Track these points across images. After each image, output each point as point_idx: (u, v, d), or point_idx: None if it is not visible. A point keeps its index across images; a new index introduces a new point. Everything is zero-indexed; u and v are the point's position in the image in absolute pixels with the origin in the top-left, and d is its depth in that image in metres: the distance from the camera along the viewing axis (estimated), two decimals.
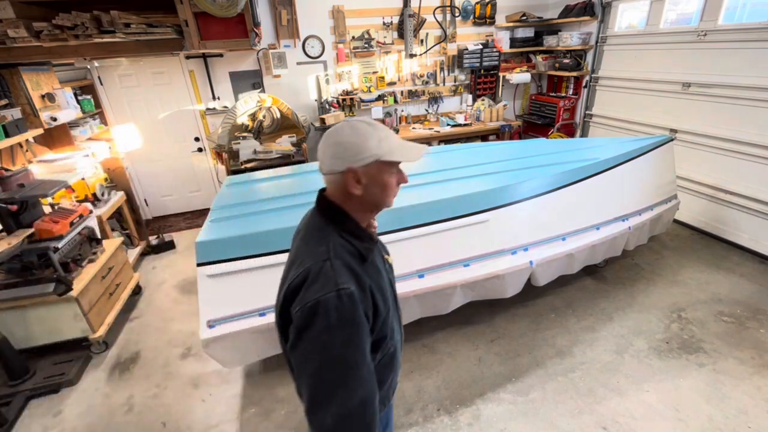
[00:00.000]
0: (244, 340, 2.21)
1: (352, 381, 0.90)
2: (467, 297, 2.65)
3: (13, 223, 2.52)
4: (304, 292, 0.90)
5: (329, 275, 0.91)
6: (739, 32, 3.54)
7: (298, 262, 0.97)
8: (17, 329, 2.66)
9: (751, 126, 3.57)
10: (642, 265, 3.62)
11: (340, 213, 1.02)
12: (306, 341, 0.90)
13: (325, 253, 0.95)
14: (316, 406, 0.89)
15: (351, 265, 0.96)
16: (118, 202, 3.85)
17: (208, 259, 2.14)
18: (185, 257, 4.27)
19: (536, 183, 2.69)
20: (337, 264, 0.93)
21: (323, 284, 0.89)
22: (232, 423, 2.33)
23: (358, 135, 0.95)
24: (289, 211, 2.49)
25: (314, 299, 0.88)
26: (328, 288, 0.89)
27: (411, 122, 5.69)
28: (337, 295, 0.88)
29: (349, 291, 0.90)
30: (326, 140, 0.98)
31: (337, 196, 1.03)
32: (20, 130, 2.87)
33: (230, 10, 3.08)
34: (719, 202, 3.94)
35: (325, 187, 1.07)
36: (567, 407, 2.30)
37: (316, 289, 0.89)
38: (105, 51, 3.13)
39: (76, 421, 2.41)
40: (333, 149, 0.96)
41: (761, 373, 2.44)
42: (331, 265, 0.92)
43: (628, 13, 4.85)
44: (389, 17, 5.12)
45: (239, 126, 4.40)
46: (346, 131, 0.96)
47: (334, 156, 0.96)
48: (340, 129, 0.98)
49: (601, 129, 5.41)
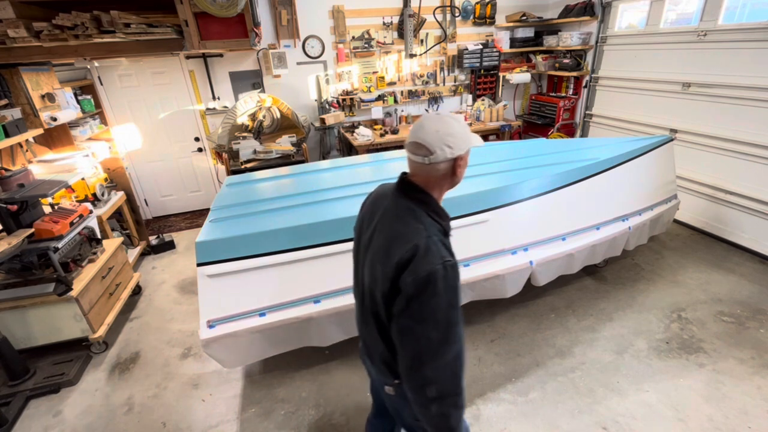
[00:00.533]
0: (244, 340, 2.21)
1: (452, 337, 1.07)
2: (467, 297, 2.65)
3: (13, 223, 2.52)
4: (414, 265, 1.04)
5: (434, 250, 1.06)
6: (739, 32, 3.54)
7: (402, 240, 1.09)
8: (17, 329, 2.66)
9: (751, 126, 3.57)
10: (642, 265, 3.62)
11: (426, 195, 1.17)
12: (417, 307, 1.04)
13: (424, 231, 1.10)
14: (421, 362, 1.06)
15: (443, 241, 1.13)
16: (118, 202, 3.85)
17: (208, 259, 2.14)
18: (185, 257, 4.27)
19: (536, 183, 2.69)
20: (436, 240, 1.09)
21: (432, 258, 1.04)
22: (232, 423, 2.33)
23: (462, 126, 1.14)
24: (289, 211, 2.49)
25: (426, 270, 1.03)
26: (436, 261, 1.04)
27: (411, 122, 5.69)
28: (443, 266, 1.04)
29: (452, 262, 1.07)
30: (437, 133, 1.10)
31: (426, 179, 1.17)
32: (20, 130, 2.87)
33: (230, 10, 3.08)
34: (719, 202, 3.94)
35: (406, 172, 1.21)
36: (567, 407, 2.30)
37: (427, 262, 1.04)
38: (105, 51, 3.13)
39: (76, 421, 2.41)
40: (449, 140, 1.10)
41: (761, 373, 2.44)
42: (433, 241, 1.08)
43: (628, 13, 4.85)
44: (389, 17, 5.12)
45: (239, 126, 4.40)
46: (454, 124, 1.12)
47: (449, 145, 1.10)
48: (447, 122, 1.12)
49: (601, 129, 5.41)
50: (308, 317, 2.26)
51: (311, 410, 2.38)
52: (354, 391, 2.49)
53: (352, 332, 2.49)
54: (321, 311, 2.28)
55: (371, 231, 1.23)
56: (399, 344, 1.12)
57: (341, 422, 2.30)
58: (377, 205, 1.27)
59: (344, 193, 2.68)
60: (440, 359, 1.06)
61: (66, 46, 2.98)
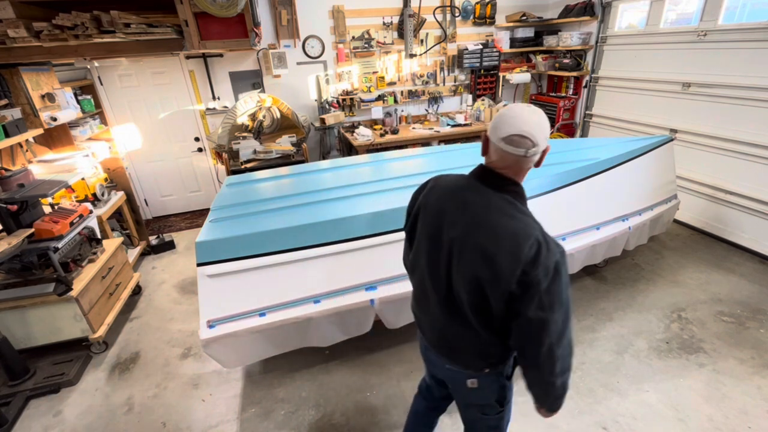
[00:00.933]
0: (244, 340, 2.21)
1: (570, 314, 1.17)
2: None
3: (13, 223, 2.52)
4: (543, 259, 1.08)
5: (550, 241, 1.12)
6: (739, 32, 3.54)
7: (520, 236, 1.10)
8: (17, 329, 2.66)
9: (751, 126, 3.57)
10: (642, 265, 3.62)
11: (520, 187, 1.21)
12: (547, 297, 1.10)
13: (535, 224, 1.15)
14: (552, 346, 1.13)
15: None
16: (118, 202, 3.85)
17: (208, 259, 2.14)
18: (185, 257, 4.27)
19: (536, 183, 2.69)
20: (544, 230, 1.15)
21: (553, 249, 1.11)
22: (232, 423, 2.33)
23: (545, 117, 1.16)
24: (289, 211, 2.49)
25: (554, 261, 1.09)
26: (557, 251, 1.11)
27: (411, 122, 5.69)
28: (561, 253, 1.13)
29: (563, 249, 1.15)
30: (537, 125, 1.11)
31: (517, 171, 1.18)
32: (20, 130, 2.87)
33: (230, 10, 3.08)
34: (719, 202, 3.94)
35: (486, 165, 1.21)
36: (567, 407, 2.29)
37: (552, 254, 1.10)
38: (105, 51, 3.13)
39: (76, 421, 2.41)
40: (545, 131, 1.13)
41: (761, 373, 2.45)
42: (545, 232, 1.14)
43: (628, 13, 4.85)
44: (389, 17, 5.12)
45: (239, 126, 4.40)
46: (543, 114, 1.15)
47: (545, 136, 1.13)
48: (539, 112, 1.14)
49: (601, 129, 5.41)
50: (308, 317, 2.26)
51: (311, 410, 2.38)
52: (354, 391, 2.49)
53: (352, 332, 2.49)
54: (321, 311, 2.28)
55: (460, 228, 1.18)
56: (528, 336, 1.16)
57: (341, 422, 2.30)
58: (456, 199, 1.22)
59: (344, 193, 2.68)
60: (564, 338, 1.15)
61: (66, 46, 2.98)
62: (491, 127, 1.16)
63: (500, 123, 1.12)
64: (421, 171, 3.10)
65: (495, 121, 1.15)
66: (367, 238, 2.33)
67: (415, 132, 5.26)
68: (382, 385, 2.52)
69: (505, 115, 1.13)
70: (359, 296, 2.36)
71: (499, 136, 1.12)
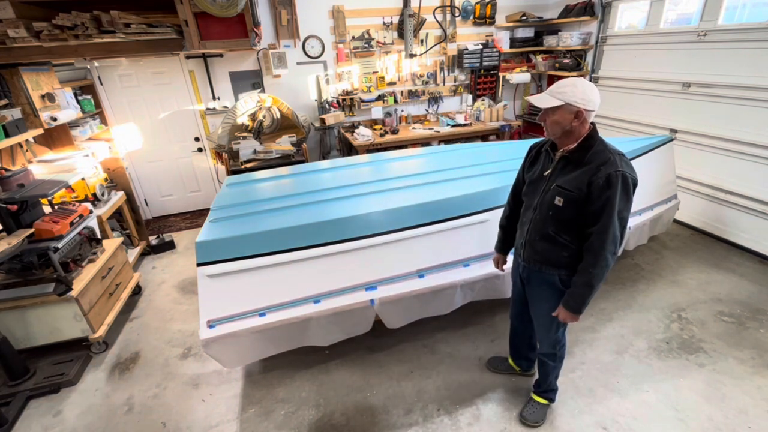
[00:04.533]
0: (244, 340, 2.21)
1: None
2: (467, 297, 2.65)
3: (13, 223, 2.52)
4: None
5: None
6: (739, 32, 3.54)
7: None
8: (17, 329, 2.66)
9: (751, 126, 3.56)
10: (642, 265, 3.62)
11: None
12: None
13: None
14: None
15: None
16: (118, 202, 3.85)
17: (208, 259, 2.14)
18: (185, 257, 4.27)
19: None
20: None
21: None
22: (232, 423, 2.33)
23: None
24: (289, 211, 2.49)
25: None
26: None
27: (411, 122, 5.69)
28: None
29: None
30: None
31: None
32: (20, 130, 2.87)
33: (230, 10, 3.08)
34: (719, 202, 3.94)
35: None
36: (567, 407, 2.30)
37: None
38: (105, 51, 3.13)
39: (76, 421, 2.41)
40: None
41: (761, 373, 2.44)
42: None
43: (628, 13, 4.85)
44: (389, 17, 5.12)
45: (239, 126, 4.40)
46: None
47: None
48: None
49: (601, 129, 5.40)
50: (308, 317, 2.26)
51: (311, 410, 2.38)
52: (354, 390, 2.49)
53: (351, 332, 2.49)
54: (321, 311, 2.28)
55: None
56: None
57: (341, 422, 2.30)
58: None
59: (344, 194, 2.68)
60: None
61: (66, 46, 2.98)
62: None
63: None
64: (421, 171, 3.10)
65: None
66: (367, 238, 2.33)
67: (415, 132, 5.26)
68: (382, 385, 2.53)
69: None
70: (359, 296, 2.36)
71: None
